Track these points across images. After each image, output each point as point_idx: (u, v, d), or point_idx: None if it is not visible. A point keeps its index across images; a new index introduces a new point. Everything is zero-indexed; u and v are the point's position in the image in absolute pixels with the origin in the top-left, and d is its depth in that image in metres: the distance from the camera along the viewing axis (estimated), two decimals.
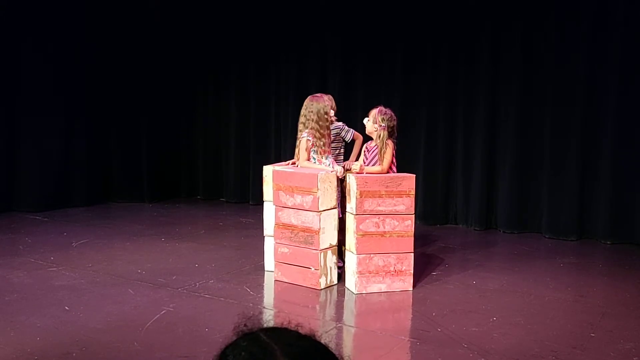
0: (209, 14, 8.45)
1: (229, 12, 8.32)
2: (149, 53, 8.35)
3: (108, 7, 8.05)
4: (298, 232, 4.88)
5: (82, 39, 7.91)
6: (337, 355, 1.08)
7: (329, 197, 4.84)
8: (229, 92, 8.53)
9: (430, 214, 7.27)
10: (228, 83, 8.53)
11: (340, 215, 4.99)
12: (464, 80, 7.04)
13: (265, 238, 5.31)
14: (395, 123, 4.97)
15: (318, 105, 5.00)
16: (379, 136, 4.86)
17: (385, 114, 4.90)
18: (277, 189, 5.00)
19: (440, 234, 6.84)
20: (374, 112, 4.93)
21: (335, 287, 4.92)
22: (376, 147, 4.90)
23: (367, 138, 5.21)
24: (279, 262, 5.02)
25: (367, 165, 4.89)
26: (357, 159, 5.19)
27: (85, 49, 7.96)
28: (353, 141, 5.45)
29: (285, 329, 1.11)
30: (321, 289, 4.82)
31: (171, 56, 8.54)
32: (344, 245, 5.00)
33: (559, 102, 6.58)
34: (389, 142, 4.87)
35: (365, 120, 5.00)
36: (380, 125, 4.86)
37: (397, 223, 4.77)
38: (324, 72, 7.80)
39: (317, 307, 4.59)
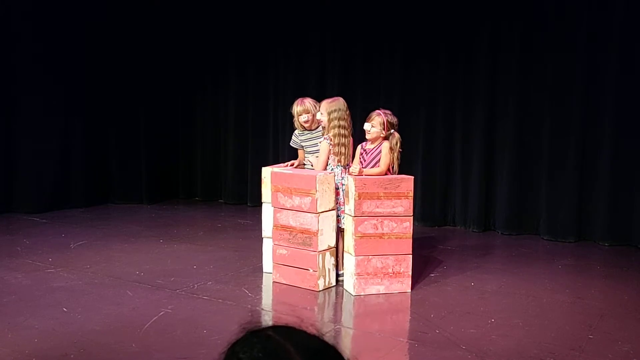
0: (207, 15, 8.45)
1: (227, 13, 8.33)
2: (147, 54, 8.35)
3: (107, 7, 8.05)
4: (296, 234, 4.88)
5: (81, 40, 7.92)
6: (346, 358, 1.06)
7: (328, 198, 4.84)
8: (228, 93, 8.54)
9: (429, 215, 7.28)
10: (226, 84, 8.54)
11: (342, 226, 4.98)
12: (462, 81, 7.05)
13: (264, 239, 5.31)
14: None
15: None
16: (396, 143, 4.84)
17: (392, 116, 4.89)
18: (275, 191, 5.00)
19: (438, 235, 6.85)
20: (379, 119, 4.84)
21: (334, 288, 4.92)
22: (375, 148, 4.89)
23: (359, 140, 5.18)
24: (278, 263, 5.02)
25: (366, 167, 4.88)
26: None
27: (84, 50, 7.96)
28: None
29: (294, 328, 1.08)
30: (319, 291, 4.82)
31: (169, 57, 8.55)
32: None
33: (558, 103, 6.60)
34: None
35: (367, 127, 4.89)
36: (390, 132, 4.85)
37: (396, 225, 4.77)
38: (323, 73, 7.81)
39: (316, 308, 4.59)
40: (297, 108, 5.29)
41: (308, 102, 5.29)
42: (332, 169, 5.01)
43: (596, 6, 6.35)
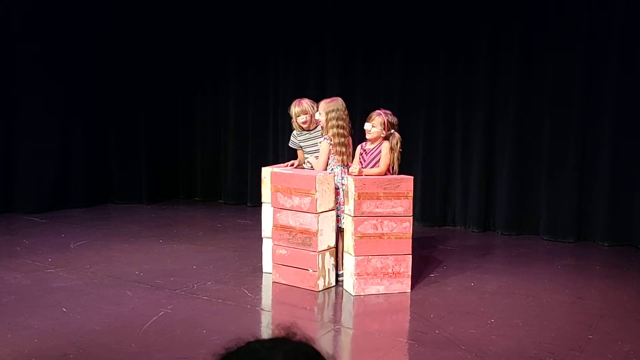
0: (207, 15, 8.45)
1: (227, 13, 8.33)
2: (147, 54, 8.35)
3: (107, 7, 8.05)
4: (296, 234, 4.88)
5: (81, 40, 7.92)
6: None
7: (327, 198, 4.84)
8: (228, 93, 8.54)
9: (429, 215, 7.28)
10: (226, 84, 8.54)
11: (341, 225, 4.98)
12: (462, 81, 7.05)
13: (264, 240, 5.31)
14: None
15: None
16: (397, 143, 4.85)
17: (392, 116, 4.90)
18: (275, 191, 5.00)
19: (438, 235, 6.85)
20: (380, 119, 4.83)
21: (333, 288, 4.92)
22: (375, 148, 4.88)
23: (360, 140, 5.17)
24: (277, 263, 5.02)
25: (365, 167, 4.87)
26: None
27: (84, 50, 7.96)
28: None
29: (314, 353, 1.07)
30: (319, 291, 4.82)
31: (169, 57, 8.55)
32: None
33: (558, 103, 6.60)
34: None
35: (368, 127, 4.87)
36: (391, 132, 4.86)
37: (395, 225, 4.77)
38: (323, 73, 7.81)
39: (315, 308, 4.59)
40: (295, 109, 5.28)
41: (305, 103, 5.29)
42: (332, 169, 5.01)
43: (596, 6, 6.35)
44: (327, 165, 5.02)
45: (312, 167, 5.19)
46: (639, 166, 6.30)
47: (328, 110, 4.95)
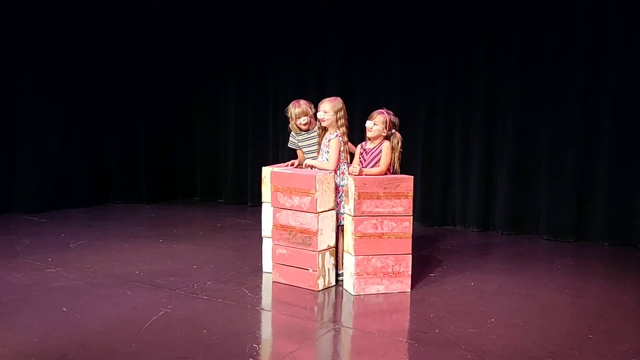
0: (207, 15, 8.46)
1: (228, 13, 8.34)
2: (147, 54, 8.37)
3: (107, 7, 8.06)
4: (296, 234, 4.88)
5: (81, 40, 7.92)
6: None
7: (327, 198, 4.85)
8: (228, 93, 8.55)
9: (429, 215, 7.29)
10: (226, 84, 8.55)
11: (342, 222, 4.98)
12: (462, 80, 7.06)
13: (263, 239, 5.32)
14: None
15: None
16: (397, 142, 4.85)
17: (394, 116, 4.90)
18: (275, 191, 5.00)
19: (438, 235, 6.85)
20: (382, 117, 4.84)
21: (333, 288, 4.92)
22: (376, 148, 4.89)
23: (359, 140, 5.18)
24: (277, 263, 5.03)
25: (366, 167, 4.88)
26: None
27: (84, 50, 7.96)
28: None
29: None
30: (319, 291, 4.82)
31: (169, 57, 8.56)
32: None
33: (557, 103, 6.60)
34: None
35: (369, 124, 4.86)
36: (392, 131, 4.86)
37: (395, 224, 4.77)
38: (323, 73, 7.82)
39: (315, 308, 4.59)
40: (295, 110, 5.27)
41: (304, 104, 5.28)
42: (339, 167, 5.00)
43: (596, 2, 6.35)
44: (338, 162, 4.99)
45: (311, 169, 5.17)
46: (639, 166, 6.31)
47: (336, 108, 4.97)
